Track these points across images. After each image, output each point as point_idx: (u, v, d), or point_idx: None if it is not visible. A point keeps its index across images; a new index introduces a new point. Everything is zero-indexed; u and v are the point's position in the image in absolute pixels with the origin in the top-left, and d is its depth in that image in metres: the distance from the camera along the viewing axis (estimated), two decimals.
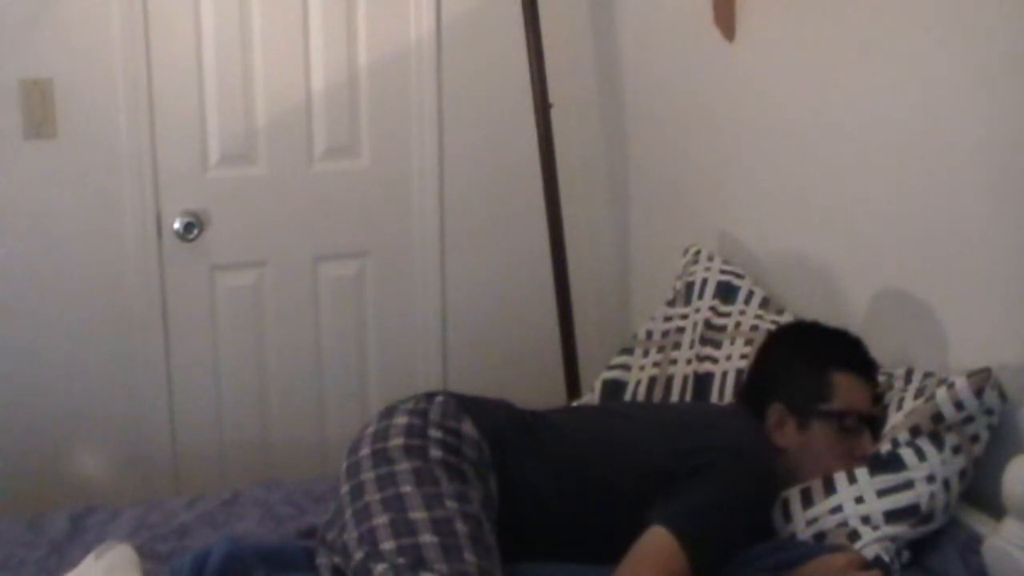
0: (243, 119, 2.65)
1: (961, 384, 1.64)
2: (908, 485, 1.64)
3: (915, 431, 1.67)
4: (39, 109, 2.45)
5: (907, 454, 1.66)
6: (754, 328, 2.13)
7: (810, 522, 1.68)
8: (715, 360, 2.13)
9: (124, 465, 2.65)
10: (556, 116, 2.67)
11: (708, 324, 2.20)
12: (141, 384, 2.66)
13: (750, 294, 2.21)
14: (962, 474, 1.66)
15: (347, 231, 2.82)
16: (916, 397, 1.72)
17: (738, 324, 2.16)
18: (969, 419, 1.65)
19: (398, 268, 2.89)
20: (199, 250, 2.66)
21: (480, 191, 2.92)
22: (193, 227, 2.62)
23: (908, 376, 1.79)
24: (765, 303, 2.19)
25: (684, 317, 2.24)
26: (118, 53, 2.49)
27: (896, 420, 1.73)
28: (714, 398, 2.07)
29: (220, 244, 2.69)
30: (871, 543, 1.62)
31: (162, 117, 2.57)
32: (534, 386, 2.76)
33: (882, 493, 1.65)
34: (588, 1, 2.89)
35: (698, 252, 2.35)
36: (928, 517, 1.64)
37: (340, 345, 2.86)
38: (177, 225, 2.62)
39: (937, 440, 1.66)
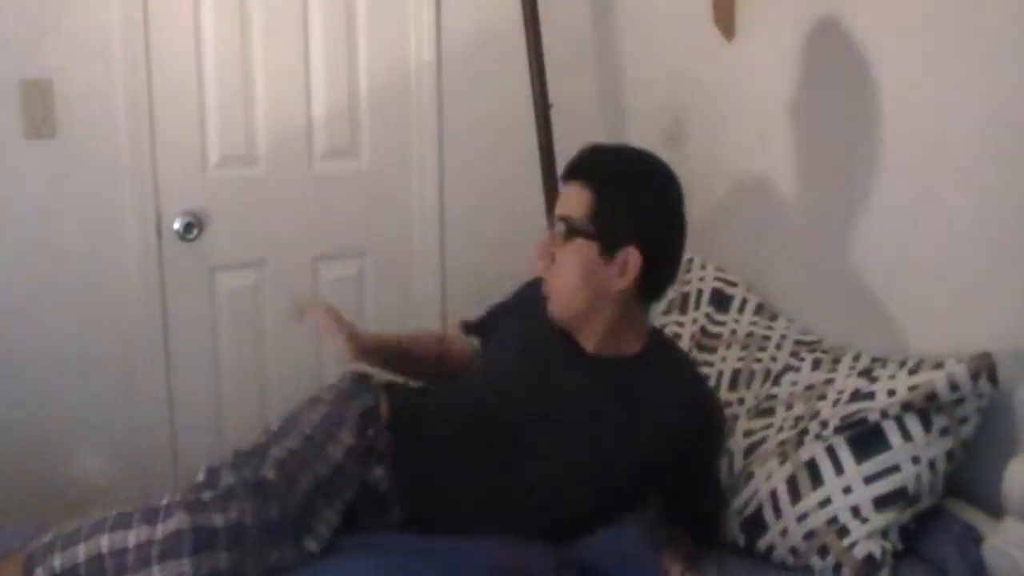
0: (243, 119, 2.65)
1: (960, 366, 1.65)
2: (894, 468, 1.66)
3: (906, 407, 1.67)
4: (39, 109, 2.44)
5: (892, 432, 1.67)
6: (749, 335, 2.15)
7: (800, 518, 1.69)
8: (711, 364, 2.14)
9: (124, 465, 2.65)
10: (556, 116, 2.67)
11: (704, 331, 2.23)
12: (141, 384, 2.66)
13: (744, 302, 2.24)
14: (949, 455, 1.68)
15: (347, 231, 2.82)
16: (910, 375, 1.73)
17: (733, 332, 2.19)
18: (960, 401, 1.66)
19: (398, 268, 2.89)
20: (199, 250, 2.66)
21: (480, 191, 2.92)
22: (193, 227, 2.62)
23: (902, 362, 1.80)
24: (759, 309, 2.21)
25: (680, 325, 2.27)
26: (118, 53, 2.49)
27: (886, 385, 1.73)
28: None
29: (220, 244, 2.69)
30: (862, 539, 1.63)
31: (162, 117, 2.56)
32: None
33: (869, 480, 1.67)
34: (588, 1, 2.89)
35: (690, 260, 2.38)
36: (916, 499, 1.67)
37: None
38: (177, 225, 2.62)
39: (925, 419, 1.67)
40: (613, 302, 1.77)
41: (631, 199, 1.75)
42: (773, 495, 1.74)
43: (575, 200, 1.76)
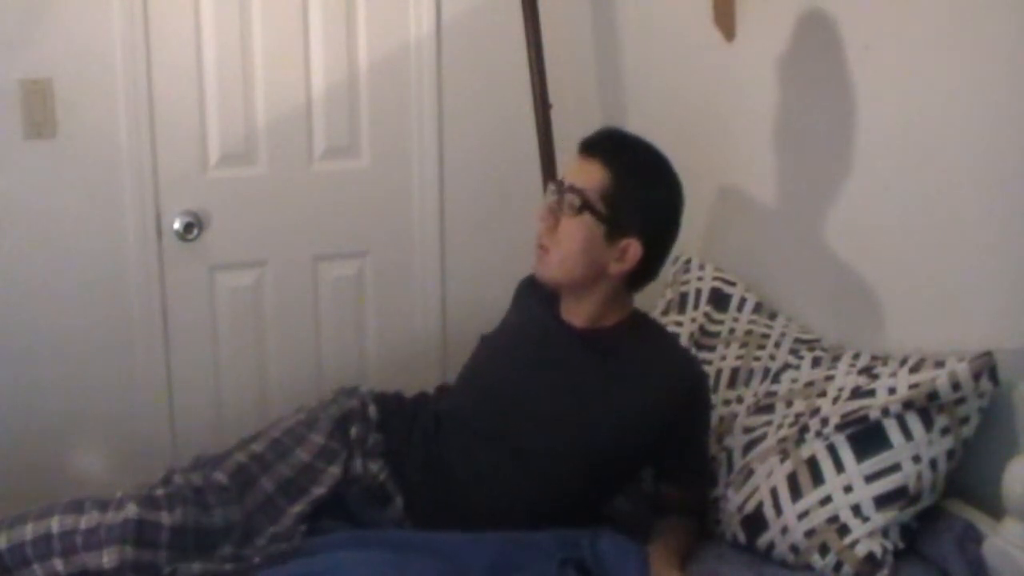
0: (243, 119, 2.65)
1: (962, 365, 1.65)
2: (895, 467, 1.66)
3: (908, 404, 1.67)
4: (39, 109, 2.44)
5: (893, 430, 1.67)
6: (748, 333, 2.16)
7: (801, 516, 1.69)
8: (710, 362, 2.14)
9: (123, 465, 2.64)
10: (556, 116, 2.67)
11: (703, 331, 2.23)
12: (141, 384, 2.66)
13: (742, 301, 2.24)
14: (950, 454, 1.68)
15: (347, 231, 2.82)
16: (911, 373, 1.73)
17: (732, 330, 2.19)
18: (962, 400, 1.66)
19: (398, 268, 2.89)
20: (199, 250, 2.66)
21: (480, 191, 2.92)
22: (193, 227, 2.62)
23: (903, 360, 1.80)
24: (758, 308, 2.22)
25: (679, 324, 2.27)
26: (118, 53, 2.49)
27: (886, 383, 1.73)
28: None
29: (220, 244, 2.69)
30: (863, 538, 1.63)
31: (162, 117, 2.57)
32: None
33: (870, 479, 1.66)
34: (588, 1, 2.89)
35: (688, 261, 2.38)
36: (916, 497, 1.66)
37: (340, 345, 2.85)
38: (177, 225, 2.62)
39: (926, 418, 1.67)
40: (606, 282, 1.83)
41: (647, 193, 1.80)
42: (774, 492, 1.74)
43: (592, 176, 1.79)
